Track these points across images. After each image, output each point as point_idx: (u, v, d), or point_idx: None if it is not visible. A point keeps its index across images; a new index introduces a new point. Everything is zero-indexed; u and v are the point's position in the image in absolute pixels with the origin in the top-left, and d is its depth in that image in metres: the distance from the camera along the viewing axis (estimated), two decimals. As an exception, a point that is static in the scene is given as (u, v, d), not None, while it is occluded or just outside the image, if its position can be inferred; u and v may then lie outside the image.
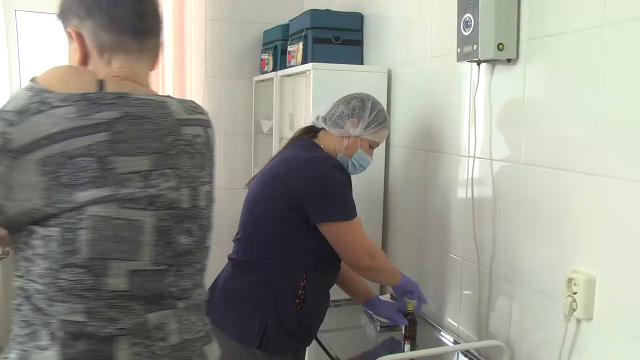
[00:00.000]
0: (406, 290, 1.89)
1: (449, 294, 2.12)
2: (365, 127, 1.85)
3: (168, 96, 1.10)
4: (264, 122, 3.25)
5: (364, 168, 1.92)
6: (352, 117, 1.84)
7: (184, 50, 3.22)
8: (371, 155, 1.92)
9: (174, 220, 1.01)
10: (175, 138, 1.03)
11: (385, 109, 1.92)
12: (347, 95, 1.91)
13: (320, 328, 1.89)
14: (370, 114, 1.85)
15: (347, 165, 1.88)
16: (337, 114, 1.85)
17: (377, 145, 1.94)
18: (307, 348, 1.95)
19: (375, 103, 1.88)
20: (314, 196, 1.70)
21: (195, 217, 1.06)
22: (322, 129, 1.89)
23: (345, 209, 1.72)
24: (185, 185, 1.03)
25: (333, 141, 1.87)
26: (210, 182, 1.11)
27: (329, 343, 1.92)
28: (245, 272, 1.77)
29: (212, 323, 1.79)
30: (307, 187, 1.70)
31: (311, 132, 1.92)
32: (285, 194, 1.71)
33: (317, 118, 1.90)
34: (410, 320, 1.92)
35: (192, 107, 1.13)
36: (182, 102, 1.11)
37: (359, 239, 1.75)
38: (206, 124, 1.14)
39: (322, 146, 1.86)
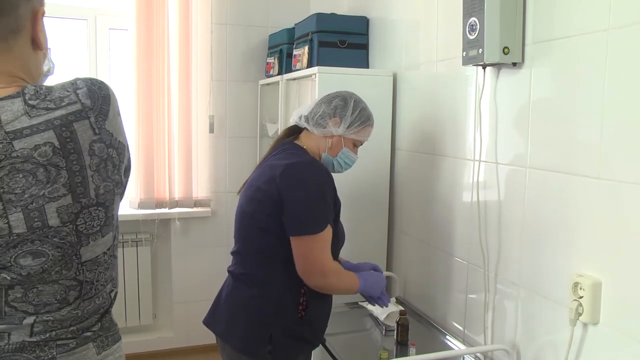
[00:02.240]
0: (369, 296, 1.82)
1: (454, 298, 2.11)
2: (348, 126, 1.80)
3: (19, 91, 0.93)
4: (269, 126, 3.25)
5: (350, 166, 1.89)
6: (334, 117, 1.81)
7: (190, 54, 3.24)
8: (356, 154, 1.87)
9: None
10: (3, 157, 0.90)
11: (367, 106, 1.86)
12: (330, 94, 1.87)
13: (326, 331, 1.89)
14: (352, 113, 1.81)
15: (333, 165, 1.85)
16: (319, 113, 1.82)
17: (361, 144, 1.89)
18: (313, 351, 1.95)
19: (357, 101, 1.84)
20: (287, 207, 1.65)
21: (44, 238, 0.94)
22: (305, 128, 1.86)
23: (312, 224, 1.65)
24: (16, 209, 0.92)
25: (316, 141, 1.84)
26: (71, 193, 0.95)
27: (335, 346, 1.92)
28: (245, 285, 1.75)
29: (218, 337, 1.80)
30: (283, 195, 1.66)
31: (295, 132, 1.89)
32: (268, 204, 1.68)
33: (300, 118, 1.87)
34: (402, 325, 1.91)
35: (42, 104, 0.93)
36: (31, 98, 0.93)
37: (315, 254, 1.67)
38: (60, 123, 0.93)
39: (304, 147, 1.83)
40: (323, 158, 1.83)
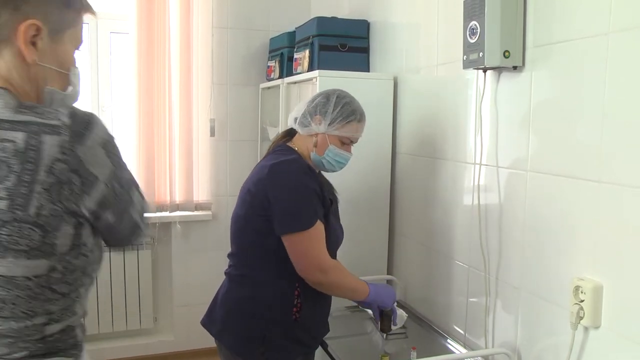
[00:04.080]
0: (378, 305, 1.81)
1: (455, 301, 2.11)
2: (330, 123, 1.77)
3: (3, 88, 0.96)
4: (270, 129, 3.25)
5: (343, 164, 1.83)
6: (316, 114, 1.78)
7: (191, 58, 3.24)
8: (349, 151, 1.83)
9: None
10: None
11: (353, 101, 1.82)
12: (316, 93, 1.86)
13: (327, 335, 1.89)
14: (334, 109, 1.77)
15: (322, 164, 1.81)
16: (301, 112, 1.82)
17: (350, 141, 1.83)
18: (314, 354, 1.95)
19: (340, 97, 1.80)
20: (274, 205, 1.65)
21: None
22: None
23: (300, 219, 1.64)
24: None
25: (304, 141, 1.82)
26: (9, 200, 0.91)
27: (335, 350, 1.92)
28: (239, 286, 1.76)
29: (214, 337, 1.81)
30: (270, 195, 1.66)
31: (290, 134, 1.89)
32: (257, 205, 1.69)
33: (292, 120, 1.87)
34: (385, 315, 1.85)
35: (27, 106, 0.94)
36: (19, 106, 0.94)
37: (310, 251, 1.66)
38: (35, 130, 0.93)
39: (296, 148, 1.82)
40: (312, 157, 1.82)
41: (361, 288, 1.78)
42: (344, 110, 1.78)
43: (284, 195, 1.66)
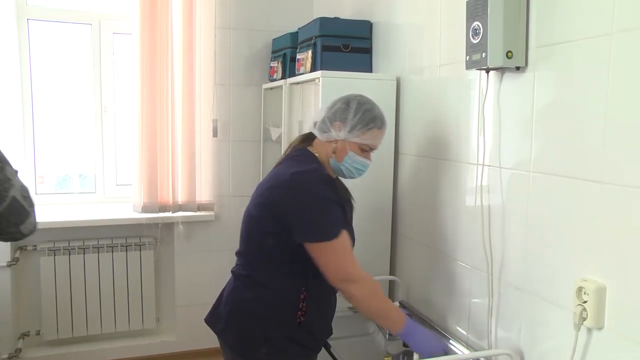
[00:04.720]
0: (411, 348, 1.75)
1: (457, 302, 2.11)
2: (350, 130, 1.75)
3: None
4: (272, 130, 3.26)
5: (362, 171, 1.83)
6: (335, 120, 1.76)
7: (193, 58, 3.24)
8: (368, 158, 1.82)
9: None
10: None
11: (374, 108, 1.80)
12: (336, 98, 1.84)
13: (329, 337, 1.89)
14: (354, 116, 1.75)
15: (341, 170, 1.81)
16: (321, 118, 1.80)
17: (370, 148, 1.81)
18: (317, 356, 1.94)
19: (361, 103, 1.78)
20: (295, 215, 1.64)
21: None
22: None
23: (324, 230, 1.63)
24: None
25: (324, 147, 1.80)
26: None
27: (337, 350, 1.92)
28: (245, 286, 1.76)
29: (217, 335, 1.81)
30: (289, 205, 1.64)
31: (311, 138, 1.86)
32: (271, 210, 1.67)
33: (312, 124, 1.86)
34: None
35: None
36: None
37: (336, 261, 1.65)
38: None
39: (316, 154, 1.81)
40: (331, 164, 1.81)
41: (395, 314, 1.72)
42: (365, 117, 1.76)
43: (308, 206, 1.64)
